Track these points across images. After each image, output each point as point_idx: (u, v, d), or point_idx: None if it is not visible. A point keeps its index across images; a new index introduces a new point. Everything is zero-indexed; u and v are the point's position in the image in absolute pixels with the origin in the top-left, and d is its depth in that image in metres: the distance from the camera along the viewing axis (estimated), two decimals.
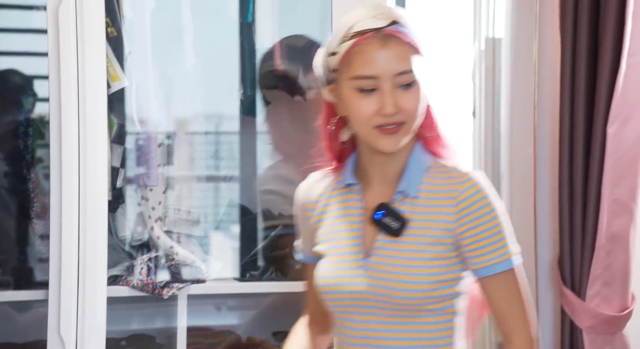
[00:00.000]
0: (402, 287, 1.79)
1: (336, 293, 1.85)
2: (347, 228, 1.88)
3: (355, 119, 1.80)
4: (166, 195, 2.87)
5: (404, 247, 1.81)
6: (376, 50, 1.78)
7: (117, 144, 2.76)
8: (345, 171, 1.90)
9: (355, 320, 1.84)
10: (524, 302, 1.83)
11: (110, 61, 2.63)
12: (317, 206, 1.94)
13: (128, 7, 2.78)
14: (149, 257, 2.77)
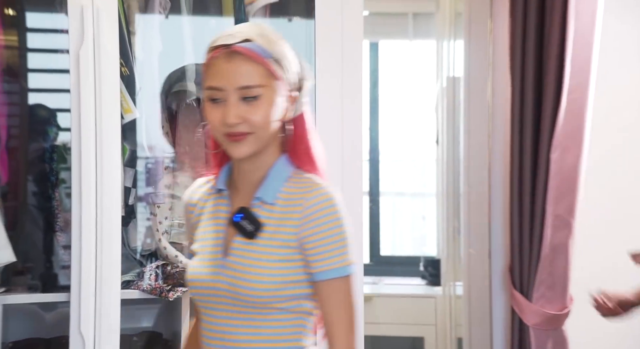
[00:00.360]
0: (250, 285, 1.72)
1: (199, 288, 1.79)
2: (214, 230, 1.81)
3: (210, 127, 1.76)
4: (171, 211, 2.85)
5: (256, 248, 1.75)
6: (222, 64, 1.72)
7: (129, 167, 2.75)
8: (219, 178, 1.84)
9: (213, 315, 1.77)
10: (352, 311, 1.75)
11: (123, 96, 2.61)
12: (195, 208, 1.87)
13: (139, 50, 2.77)
14: (157, 265, 2.77)
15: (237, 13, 2.84)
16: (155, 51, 2.85)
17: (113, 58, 2.52)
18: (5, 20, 2.77)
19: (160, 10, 2.79)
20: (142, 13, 2.78)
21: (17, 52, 2.86)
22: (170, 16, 2.82)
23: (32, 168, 2.88)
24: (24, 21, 2.89)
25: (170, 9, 2.80)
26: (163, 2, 2.78)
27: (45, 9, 2.88)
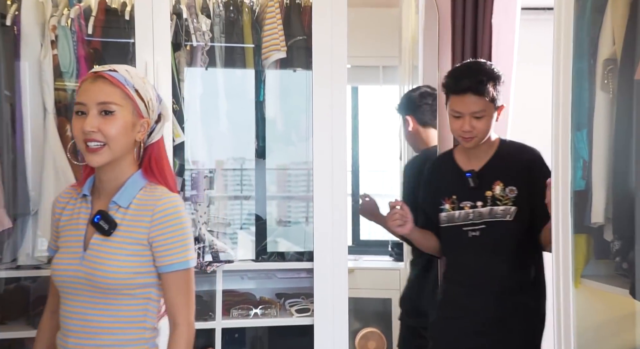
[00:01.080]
0: (105, 275, 1.61)
1: (62, 276, 1.64)
2: (75, 228, 1.67)
3: (75, 137, 1.63)
4: (209, 208, 2.83)
5: (111, 244, 1.64)
6: (88, 85, 1.63)
7: (178, 176, 2.72)
8: (85, 185, 1.70)
9: (73, 300, 1.64)
10: (190, 295, 1.66)
11: (174, 125, 2.61)
12: (59, 210, 1.72)
13: (186, 92, 2.77)
14: (198, 247, 2.74)
15: (256, 66, 2.86)
16: (198, 93, 2.86)
17: (167, 98, 2.51)
18: None
19: (201, 64, 2.79)
20: (189, 66, 2.78)
21: None
22: (209, 68, 2.81)
23: None
24: None
25: (209, 63, 2.79)
26: (203, 58, 2.77)
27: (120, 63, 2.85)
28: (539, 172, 2.26)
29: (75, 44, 2.58)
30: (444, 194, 2.38)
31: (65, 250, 1.67)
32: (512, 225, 2.28)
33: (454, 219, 2.35)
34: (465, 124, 2.27)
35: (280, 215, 3.05)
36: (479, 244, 2.31)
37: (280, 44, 2.76)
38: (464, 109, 2.26)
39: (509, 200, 2.29)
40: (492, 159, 2.35)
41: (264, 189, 3.04)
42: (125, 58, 2.72)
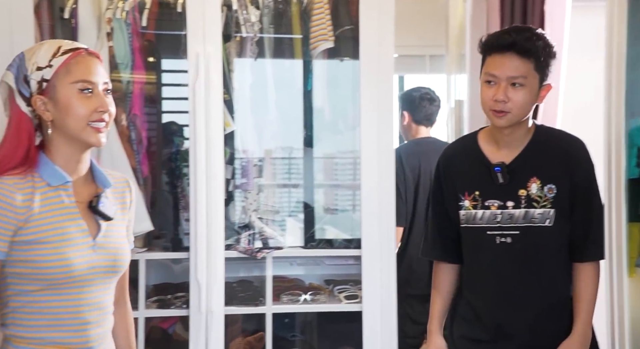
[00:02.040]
0: (122, 258, 1.54)
1: (75, 271, 1.45)
2: (67, 218, 1.46)
3: (74, 117, 1.45)
4: (259, 196, 2.83)
5: (115, 228, 1.54)
6: (91, 62, 1.48)
7: (229, 164, 2.74)
8: (48, 172, 1.46)
9: (87, 292, 1.48)
10: None
11: (225, 115, 2.59)
12: (20, 204, 1.42)
13: (236, 82, 2.77)
14: (249, 234, 2.76)
15: (304, 56, 2.85)
16: (246, 83, 2.86)
17: (218, 88, 2.52)
18: (148, 65, 2.78)
19: (250, 55, 2.78)
20: (238, 57, 2.77)
21: (155, 86, 2.88)
22: (258, 58, 2.81)
23: (165, 166, 2.88)
24: (159, 65, 2.93)
25: (258, 53, 2.79)
26: (253, 49, 2.77)
27: (173, 56, 2.88)
28: (583, 169, 1.88)
29: (130, 36, 2.61)
30: (463, 188, 1.92)
31: (63, 243, 1.45)
32: (552, 232, 1.85)
33: (475, 220, 1.90)
34: (500, 93, 1.79)
35: (328, 203, 3.04)
36: (512, 254, 1.87)
37: (328, 34, 2.74)
38: (502, 72, 1.79)
39: (548, 201, 1.86)
40: (526, 150, 1.89)
41: (312, 178, 3.04)
42: (177, 49, 2.75)
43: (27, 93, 1.47)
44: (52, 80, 1.45)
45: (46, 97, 1.46)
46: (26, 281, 1.45)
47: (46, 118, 1.47)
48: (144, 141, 2.69)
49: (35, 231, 1.43)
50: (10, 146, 1.46)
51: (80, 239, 1.47)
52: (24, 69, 1.46)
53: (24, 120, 1.47)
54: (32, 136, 1.47)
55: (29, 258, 1.43)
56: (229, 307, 2.60)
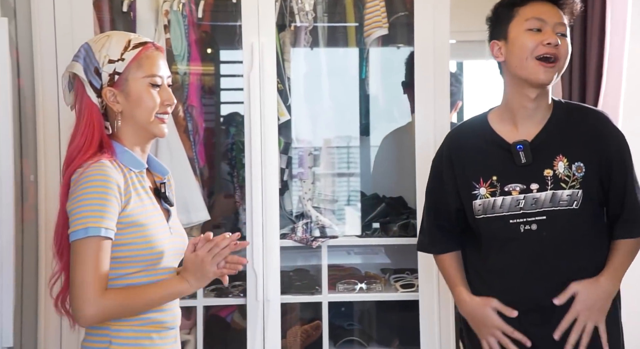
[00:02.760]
0: (185, 241, 1.59)
1: (164, 252, 1.51)
2: (151, 202, 1.55)
3: (147, 108, 1.51)
4: (314, 185, 2.83)
5: (175, 214, 1.63)
6: (158, 56, 1.54)
7: (284, 154, 2.74)
8: (127, 158, 1.52)
9: (169, 271, 1.53)
10: (79, 272, 1.41)
11: (279, 104, 2.59)
12: (122, 188, 1.48)
13: (290, 72, 2.74)
14: (304, 223, 2.75)
15: (359, 44, 2.83)
16: (301, 73, 2.85)
17: (272, 78, 2.51)
18: (204, 56, 2.81)
19: (304, 44, 2.77)
20: (293, 46, 2.77)
21: (212, 77, 2.90)
22: (313, 48, 2.80)
23: (223, 156, 2.90)
24: (218, 56, 2.94)
25: (312, 42, 2.78)
26: (307, 38, 2.77)
27: (230, 47, 2.88)
28: (615, 144, 1.72)
29: (187, 28, 2.63)
30: (478, 173, 1.75)
31: (156, 225, 1.52)
32: (579, 215, 1.68)
33: (495, 209, 1.73)
34: (551, 35, 1.64)
35: (379, 190, 2.98)
36: (538, 242, 1.70)
37: (383, 21, 2.71)
38: (550, 16, 1.67)
39: (577, 181, 1.69)
40: (549, 125, 1.72)
41: (369, 166, 3.03)
42: (232, 40, 2.76)
43: (97, 84, 1.51)
44: (124, 74, 1.51)
45: (117, 89, 1.51)
46: (123, 263, 1.48)
47: (116, 109, 1.52)
48: (201, 131, 2.71)
49: (131, 213, 1.48)
50: (85, 135, 1.50)
51: (161, 222, 1.54)
52: (94, 60, 1.50)
53: (95, 111, 1.51)
54: (102, 126, 1.52)
55: (128, 240, 1.48)
56: (285, 295, 2.61)
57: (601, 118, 1.78)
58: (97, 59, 1.50)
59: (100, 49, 1.51)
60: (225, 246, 1.49)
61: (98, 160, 1.47)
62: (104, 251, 1.43)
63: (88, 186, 1.44)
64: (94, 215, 1.42)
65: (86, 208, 1.43)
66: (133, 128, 1.54)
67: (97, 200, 1.43)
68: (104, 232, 1.43)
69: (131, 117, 1.53)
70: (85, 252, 1.42)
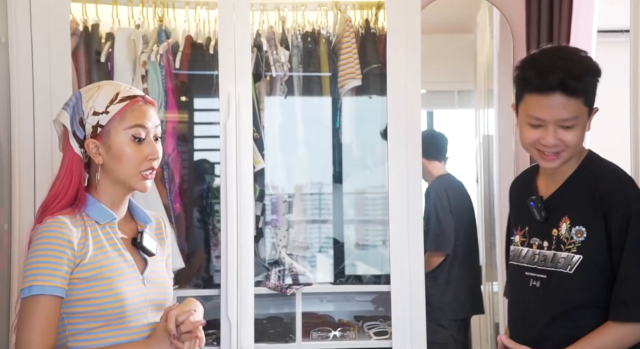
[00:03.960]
0: (168, 291, 1.59)
1: (130, 305, 1.47)
2: (117, 254, 1.50)
3: (128, 163, 1.49)
4: (288, 232, 2.84)
5: (157, 263, 1.58)
6: (146, 109, 1.51)
7: (259, 201, 2.75)
8: (96, 210, 1.49)
9: (140, 325, 1.50)
10: (23, 330, 1.39)
11: (255, 152, 2.62)
12: (77, 241, 1.45)
13: (266, 121, 2.79)
14: (278, 270, 2.75)
15: (333, 93, 2.87)
16: (277, 121, 2.87)
17: (248, 127, 2.53)
18: (180, 104, 2.83)
19: (280, 93, 2.80)
20: (268, 95, 2.80)
21: (187, 125, 2.91)
22: (288, 97, 2.83)
23: (196, 203, 2.89)
24: (192, 104, 2.95)
25: (287, 92, 2.81)
26: (282, 87, 2.81)
27: (205, 96, 2.91)
28: (618, 213, 1.58)
29: (164, 77, 2.66)
30: (517, 222, 1.79)
31: (117, 278, 1.47)
32: (573, 282, 1.61)
33: (519, 258, 1.75)
34: (549, 136, 1.58)
35: (358, 238, 3.03)
36: (538, 301, 1.67)
37: (356, 72, 2.77)
38: (549, 115, 1.57)
39: (574, 245, 1.63)
40: (566, 183, 1.68)
41: (342, 213, 3.04)
42: (209, 89, 2.80)
43: (81, 135, 1.50)
44: (106, 126, 1.49)
45: (99, 141, 1.50)
46: (83, 319, 1.46)
47: (97, 162, 1.51)
48: (177, 179, 2.71)
49: (91, 267, 1.45)
50: (62, 185, 1.49)
51: (131, 273, 1.50)
52: (80, 111, 1.50)
53: (76, 160, 1.50)
54: (82, 177, 1.51)
55: (86, 295, 1.45)
56: (259, 344, 2.61)
57: (616, 183, 1.64)
58: (84, 109, 1.50)
59: (89, 99, 1.51)
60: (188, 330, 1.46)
61: (56, 215, 1.46)
62: (50, 309, 1.42)
63: (38, 243, 1.44)
64: (40, 273, 1.41)
65: (33, 266, 1.42)
66: (112, 180, 1.52)
67: (45, 257, 1.42)
68: (49, 291, 1.41)
69: (112, 171, 1.51)
70: (29, 311, 1.41)
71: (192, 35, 2.81)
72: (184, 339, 1.47)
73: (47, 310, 1.41)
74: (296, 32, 2.83)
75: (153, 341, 1.49)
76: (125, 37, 2.66)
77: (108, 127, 1.50)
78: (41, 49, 2.40)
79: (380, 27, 2.85)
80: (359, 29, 2.84)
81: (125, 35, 2.66)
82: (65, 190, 1.49)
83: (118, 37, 2.66)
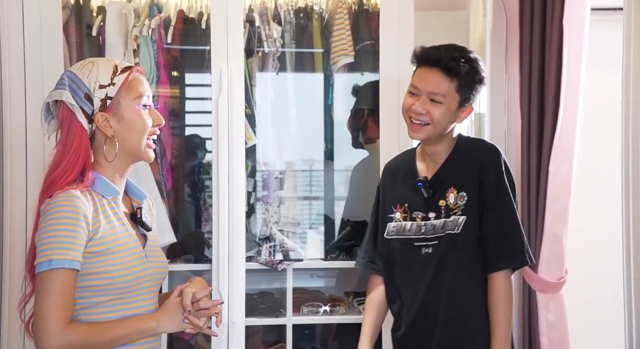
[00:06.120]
0: (165, 265, 1.62)
1: (138, 278, 1.50)
2: (123, 229, 1.52)
3: (140, 131, 1.53)
4: (280, 208, 2.85)
5: (153, 238, 1.61)
6: (142, 79, 1.55)
7: (250, 177, 2.76)
8: (102, 185, 1.51)
9: (143, 300, 1.53)
10: (43, 305, 1.40)
11: (247, 128, 2.62)
12: (91, 216, 1.46)
13: (258, 97, 2.79)
14: (269, 246, 2.77)
15: (325, 70, 2.88)
16: (269, 98, 2.87)
17: (240, 103, 2.52)
18: (172, 79, 2.82)
19: (272, 69, 2.80)
20: (260, 71, 2.80)
21: (179, 100, 2.91)
22: (280, 73, 2.83)
23: (187, 178, 2.90)
24: (183, 79, 2.95)
25: (279, 68, 2.81)
26: (274, 63, 2.81)
27: (197, 71, 2.92)
28: (492, 173, 1.90)
29: (156, 52, 2.66)
30: (396, 200, 2.00)
31: (126, 252, 1.50)
32: (459, 238, 1.88)
33: (405, 231, 1.97)
34: (419, 104, 1.87)
35: (348, 215, 3.02)
36: (432, 264, 1.92)
37: (349, 49, 2.78)
38: (423, 85, 1.87)
39: (459, 208, 1.91)
40: (446, 163, 1.96)
41: (333, 190, 3.05)
42: (201, 65, 2.80)
43: (89, 110, 1.50)
44: (115, 98, 1.50)
45: (109, 113, 1.51)
46: (94, 293, 1.47)
47: (109, 134, 1.52)
48: (168, 154, 2.72)
49: (103, 241, 1.47)
50: (71, 161, 1.49)
51: (135, 248, 1.52)
52: (83, 87, 1.50)
53: (85, 137, 1.51)
54: (89, 153, 1.51)
55: (98, 269, 1.46)
56: (250, 318, 2.64)
57: (488, 150, 1.95)
58: (87, 85, 1.50)
59: (88, 75, 1.51)
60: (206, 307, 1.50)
61: (67, 190, 1.45)
62: (68, 283, 1.42)
63: (53, 217, 1.43)
64: (58, 247, 1.41)
65: (50, 240, 1.42)
66: (120, 153, 1.53)
67: (62, 231, 1.42)
68: (68, 264, 1.41)
69: (123, 141, 1.52)
70: (48, 284, 1.41)
71: (184, 9, 2.80)
72: (201, 315, 1.50)
73: (66, 284, 1.42)
74: (289, 7, 2.83)
75: (163, 314, 1.51)
76: (116, 10, 2.65)
77: (117, 98, 1.51)
78: (32, 23, 2.38)
79: (374, 4, 2.85)
80: (352, 5, 2.83)
81: (117, 9, 2.65)
82: (74, 166, 1.49)
83: (110, 10, 2.65)
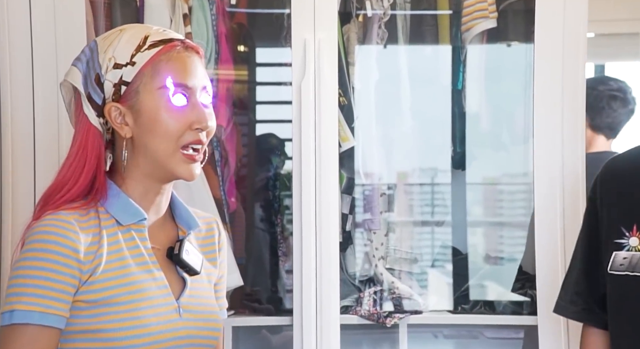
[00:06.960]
0: (213, 326, 1.52)
1: (157, 342, 1.43)
2: (142, 270, 1.45)
3: (161, 136, 1.43)
4: (388, 237, 2.84)
5: (202, 285, 1.53)
6: (188, 59, 1.44)
7: (346, 194, 2.77)
8: (119, 205, 1.45)
9: None
10: None
11: (341, 125, 2.62)
12: (96, 250, 1.42)
13: (357, 80, 2.79)
14: (374, 291, 2.76)
15: (454, 40, 2.87)
16: (372, 81, 2.88)
17: (332, 89, 2.51)
18: (237, 56, 2.85)
19: (377, 41, 2.80)
20: (361, 44, 2.82)
21: (247, 86, 2.95)
22: (388, 46, 2.83)
23: (258, 195, 2.96)
24: (254, 56, 2.99)
25: (388, 38, 2.80)
26: (381, 33, 2.81)
27: (272, 44, 2.94)
28: None
29: (215, 18, 2.66)
30: (631, 218, 1.85)
31: (141, 304, 1.44)
32: None
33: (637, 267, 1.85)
34: None
35: (489, 248, 3.04)
36: None
37: (489, 9, 2.71)
38: None
39: None
40: None
41: (464, 212, 3.04)
42: (278, 35, 2.76)
43: (99, 99, 1.45)
44: (133, 84, 1.44)
45: (125, 106, 1.45)
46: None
47: (123, 135, 1.45)
48: (232, 163, 2.76)
49: (103, 287, 1.41)
50: (72, 169, 1.46)
51: (161, 298, 1.46)
52: (96, 65, 1.45)
53: (93, 135, 1.46)
54: (101, 157, 1.46)
55: (94, 326, 1.41)
56: None
57: None
58: (100, 62, 1.45)
59: (107, 48, 1.45)
60: None
61: (59, 210, 1.41)
62: (40, 344, 1.38)
63: (30, 248, 1.39)
64: (28, 292, 1.36)
65: (19, 282, 1.38)
66: (146, 163, 1.46)
67: (36, 270, 1.37)
68: (39, 319, 1.36)
69: (144, 147, 1.45)
70: (8, 344, 1.38)
71: None
72: None
73: (35, 346, 1.37)
74: None
75: None
76: None
77: (135, 84, 1.44)
78: None
79: None
80: None
81: None
82: (77, 175, 1.45)
83: None
